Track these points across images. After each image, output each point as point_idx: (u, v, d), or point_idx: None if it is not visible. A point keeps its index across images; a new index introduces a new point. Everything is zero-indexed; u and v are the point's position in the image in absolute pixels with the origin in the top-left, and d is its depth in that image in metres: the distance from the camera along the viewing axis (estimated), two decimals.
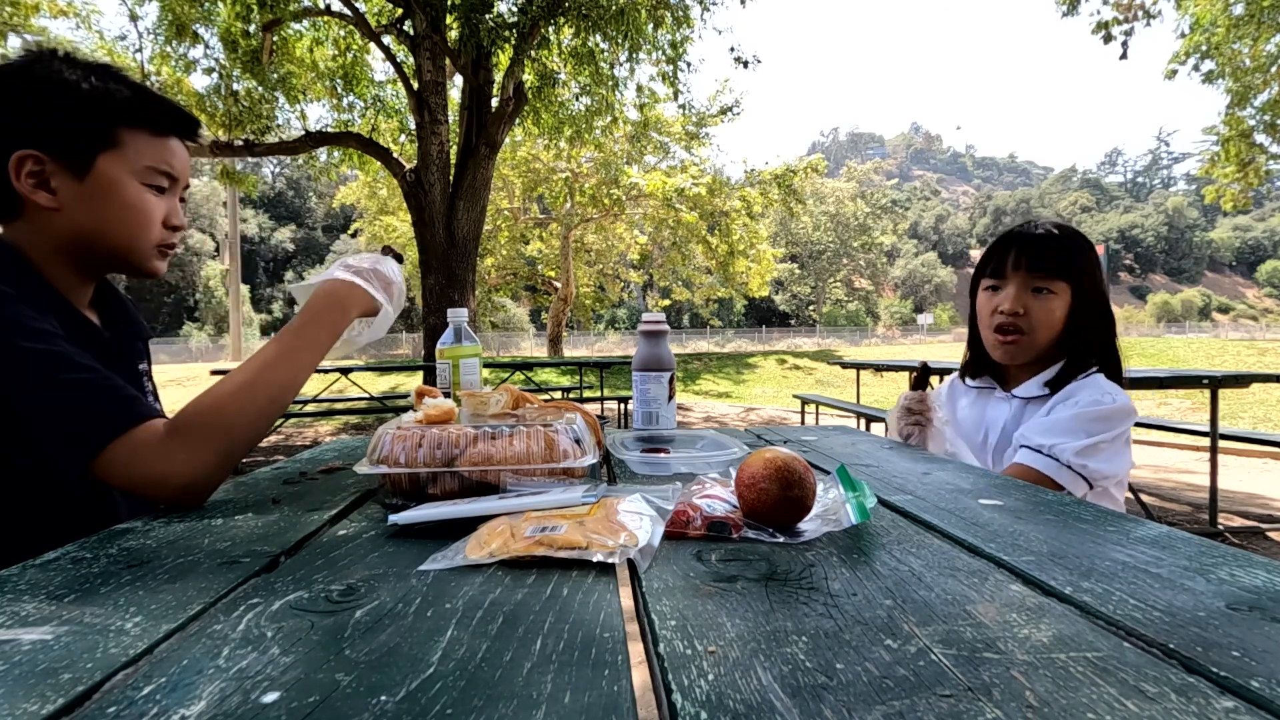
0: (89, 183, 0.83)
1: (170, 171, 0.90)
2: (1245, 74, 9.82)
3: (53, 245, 0.85)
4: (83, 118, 0.83)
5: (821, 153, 28.35)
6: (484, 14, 6.66)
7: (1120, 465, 1.09)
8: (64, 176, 0.83)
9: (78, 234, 0.85)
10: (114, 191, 0.85)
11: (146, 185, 0.87)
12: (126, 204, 0.86)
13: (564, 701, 0.32)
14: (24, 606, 0.45)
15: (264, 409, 0.79)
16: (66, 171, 0.83)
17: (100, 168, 0.83)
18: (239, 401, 0.77)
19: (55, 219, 0.84)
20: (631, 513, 0.61)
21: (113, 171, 0.84)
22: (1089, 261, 1.20)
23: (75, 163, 0.83)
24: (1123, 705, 0.31)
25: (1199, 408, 9.10)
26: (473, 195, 7.66)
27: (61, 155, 0.82)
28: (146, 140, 0.87)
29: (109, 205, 0.85)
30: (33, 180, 0.82)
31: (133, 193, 0.86)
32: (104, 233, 0.86)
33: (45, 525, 0.78)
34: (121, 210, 0.85)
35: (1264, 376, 3.30)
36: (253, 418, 0.78)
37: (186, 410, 0.76)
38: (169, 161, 0.89)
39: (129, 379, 0.93)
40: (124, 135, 0.85)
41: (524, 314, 38.22)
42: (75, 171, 0.83)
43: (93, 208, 0.84)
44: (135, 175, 0.86)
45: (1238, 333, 45.65)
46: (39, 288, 0.83)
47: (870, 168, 58.42)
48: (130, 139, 0.85)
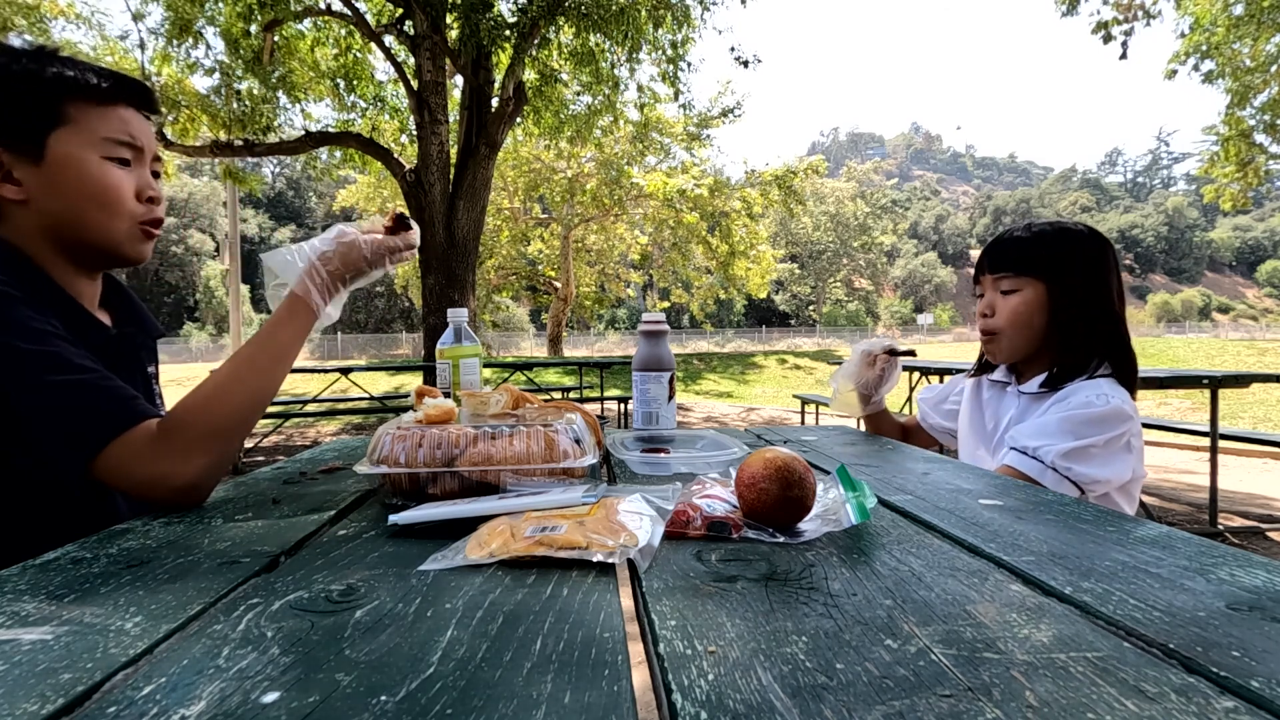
0: (47, 165, 0.81)
1: (130, 141, 0.86)
2: (1245, 74, 9.82)
3: (37, 241, 0.84)
4: (22, 98, 0.80)
5: (821, 153, 28.34)
6: (484, 13, 6.66)
7: (1116, 470, 1.05)
8: (22, 164, 0.81)
9: (52, 222, 0.83)
10: (73, 168, 0.82)
11: (108, 159, 0.84)
12: (89, 179, 0.83)
13: (564, 702, 0.32)
14: (24, 606, 0.45)
15: (250, 403, 0.80)
16: (22, 158, 0.81)
17: (54, 147, 0.81)
18: (225, 398, 0.78)
19: (28, 211, 0.82)
20: (631, 513, 0.61)
21: (67, 148, 0.81)
22: (1070, 257, 1.17)
23: (28, 147, 0.80)
24: (1123, 705, 0.31)
25: (1199, 408, 9.10)
26: (473, 195, 7.66)
27: (12, 143, 0.80)
28: (95, 111, 0.83)
29: (72, 184, 0.82)
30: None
31: (93, 167, 0.83)
32: (75, 214, 0.83)
33: (45, 525, 0.78)
34: (86, 187, 0.82)
35: (1264, 376, 3.30)
36: (240, 413, 0.79)
37: (175, 411, 0.76)
38: (126, 131, 0.85)
39: (137, 378, 0.93)
40: (70, 110, 0.82)
41: (524, 314, 38.21)
42: (30, 156, 0.81)
43: (57, 190, 0.82)
44: (93, 149, 0.83)
45: (1238, 333, 45.65)
46: (43, 286, 0.83)
47: (870, 168, 58.40)
48: (77, 113, 0.82)
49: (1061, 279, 1.17)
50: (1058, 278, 1.17)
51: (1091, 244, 1.18)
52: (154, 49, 8.20)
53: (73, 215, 0.83)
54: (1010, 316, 1.20)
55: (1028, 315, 1.18)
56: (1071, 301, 1.17)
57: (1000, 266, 1.21)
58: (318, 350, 33.98)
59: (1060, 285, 1.17)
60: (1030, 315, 1.18)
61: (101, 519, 0.76)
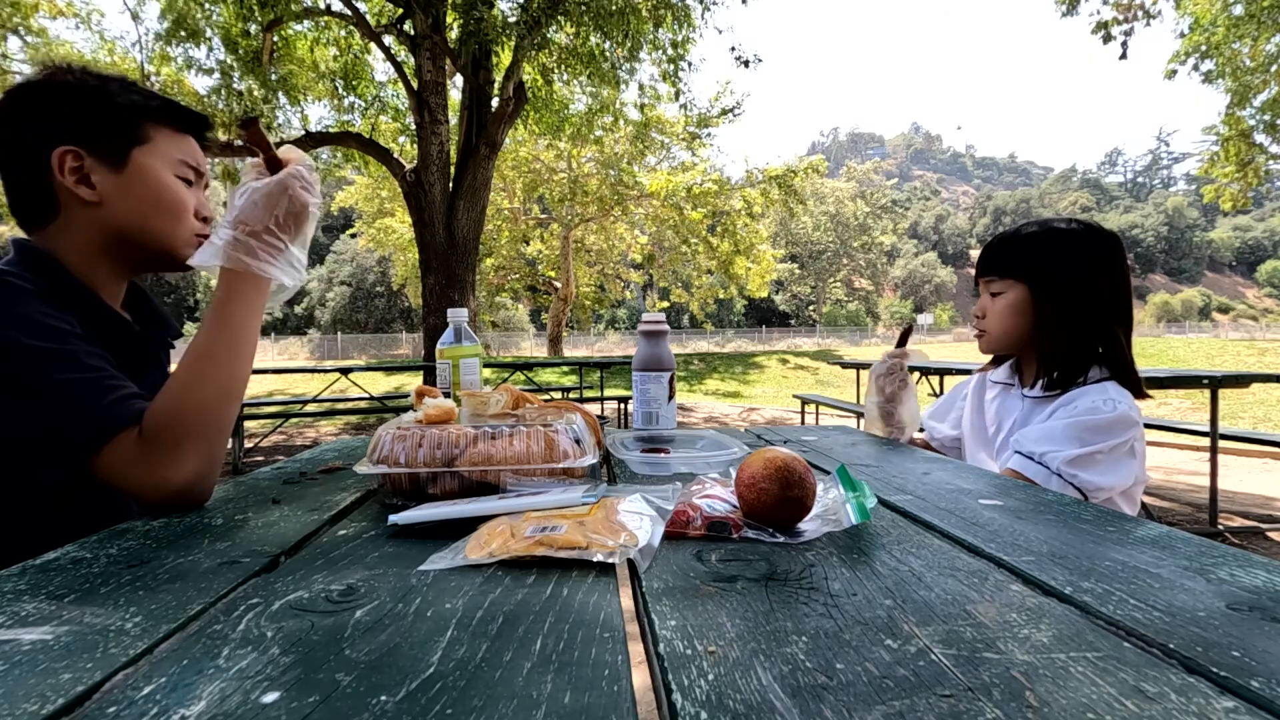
0: (127, 174, 0.88)
1: (195, 165, 0.95)
2: (1245, 74, 9.83)
3: (93, 241, 0.88)
4: (115, 114, 0.88)
5: (821, 153, 28.33)
6: (484, 13, 6.66)
7: (1120, 477, 1.04)
8: (103, 170, 0.87)
9: (120, 225, 0.89)
10: (151, 179, 0.90)
11: (178, 177, 0.93)
12: (164, 190, 0.91)
13: (564, 702, 0.32)
14: (24, 606, 0.45)
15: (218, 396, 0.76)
16: (104, 165, 0.87)
17: (136, 159, 0.89)
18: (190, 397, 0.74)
19: (97, 213, 0.88)
20: (631, 513, 0.61)
21: (148, 161, 0.90)
22: (1054, 258, 1.16)
23: (112, 156, 0.87)
24: (1123, 705, 0.31)
25: (1199, 408, 9.10)
26: (473, 195, 7.67)
27: (99, 150, 0.87)
28: (171, 136, 0.93)
29: (148, 193, 0.90)
30: (75, 176, 0.86)
31: (169, 181, 0.91)
32: (145, 221, 0.90)
33: (45, 525, 0.78)
34: (160, 196, 0.90)
35: (1264, 376, 3.30)
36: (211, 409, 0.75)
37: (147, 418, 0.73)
38: (193, 155, 0.95)
39: (156, 379, 0.96)
40: (152, 131, 0.91)
41: (524, 314, 38.20)
42: (113, 164, 0.87)
43: (133, 197, 0.89)
44: (168, 166, 0.92)
45: (1238, 333, 45.63)
46: (65, 285, 0.85)
47: (870, 168, 58.37)
48: (157, 134, 0.91)
49: (1043, 280, 1.17)
50: (1039, 279, 1.17)
51: (1084, 243, 1.16)
52: (153, 50, 8.20)
53: (142, 220, 0.90)
54: (995, 318, 1.23)
55: (1011, 317, 1.21)
56: (1056, 303, 1.16)
57: (988, 270, 1.24)
58: (318, 350, 33.97)
59: (1042, 287, 1.17)
60: (1013, 316, 1.20)
61: (103, 519, 0.76)
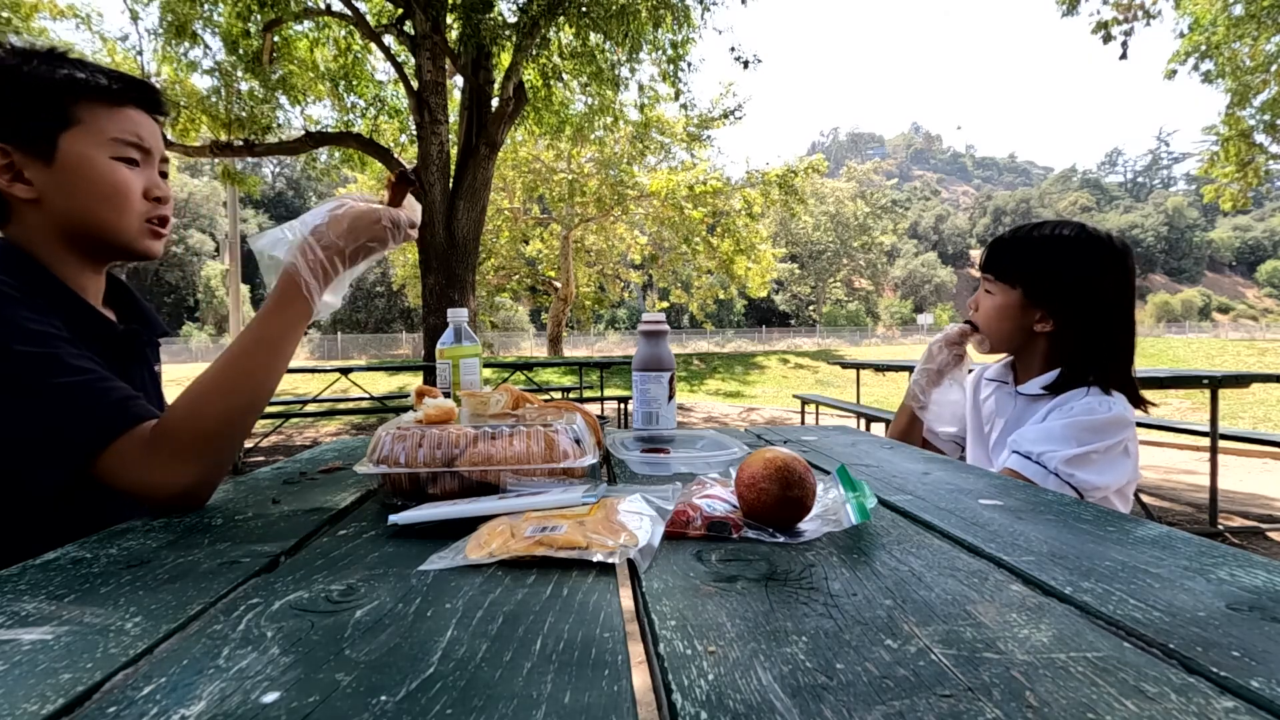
0: (58, 165, 0.82)
1: (138, 142, 0.87)
2: (1245, 74, 9.83)
3: (48, 239, 0.85)
4: (34, 99, 0.81)
5: (822, 153, 28.28)
6: (484, 13, 6.66)
7: (1115, 476, 1.06)
8: (34, 165, 0.82)
9: (64, 221, 0.84)
10: (84, 168, 0.83)
11: (117, 159, 0.85)
12: (99, 178, 0.84)
13: (564, 701, 0.32)
14: (24, 606, 0.45)
15: (240, 408, 0.76)
16: (34, 158, 0.82)
17: (65, 147, 0.82)
18: (212, 403, 0.74)
19: (39, 210, 0.83)
20: (631, 513, 0.61)
21: (78, 148, 0.83)
22: (1051, 267, 1.15)
23: (39, 147, 0.82)
24: (1123, 705, 0.31)
25: (1199, 408, 9.10)
26: (473, 195, 7.67)
27: (24, 143, 0.81)
28: (105, 112, 0.85)
29: (82, 183, 0.83)
30: (8, 175, 0.82)
31: (103, 167, 0.84)
32: (86, 213, 0.84)
33: (45, 525, 0.78)
34: (96, 186, 0.84)
35: (1264, 376, 3.30)
36: (230, 419, 0.74)
37: (164, 417, 0.73)
38: (134, 132, 0.87)
39: (145, 374, 0.93)
40: (80, 111, 0.83)
41: (524, 314, 38.20)
42: (42, 156, 0.82)
43: (68, 189, 0.83)
44: (103, 149, 0.84)
45: (1238, 333, 45.62)
46: (46, 285, 0.83)
47: (870, 168, 58.42)
48: (87, 114, 0.83)
49: (1037, 289, 1.17)
50: (1033, 287, 1.18)
51: (1086, 253, 1.15)
52: (153, 50, 8.21)
53: (83, 213, 0.84)
54: (984, 317, 1.26)
55: (998, 318, 1.23)
56: (1049, 311, 1.17)
57: (987, 267, 1.26)
58: (318, 350, 33.97)
59: (1035, 295, 1.18)
60: (1001, 318, 1.23)
61: (103, 519, 0.75)
